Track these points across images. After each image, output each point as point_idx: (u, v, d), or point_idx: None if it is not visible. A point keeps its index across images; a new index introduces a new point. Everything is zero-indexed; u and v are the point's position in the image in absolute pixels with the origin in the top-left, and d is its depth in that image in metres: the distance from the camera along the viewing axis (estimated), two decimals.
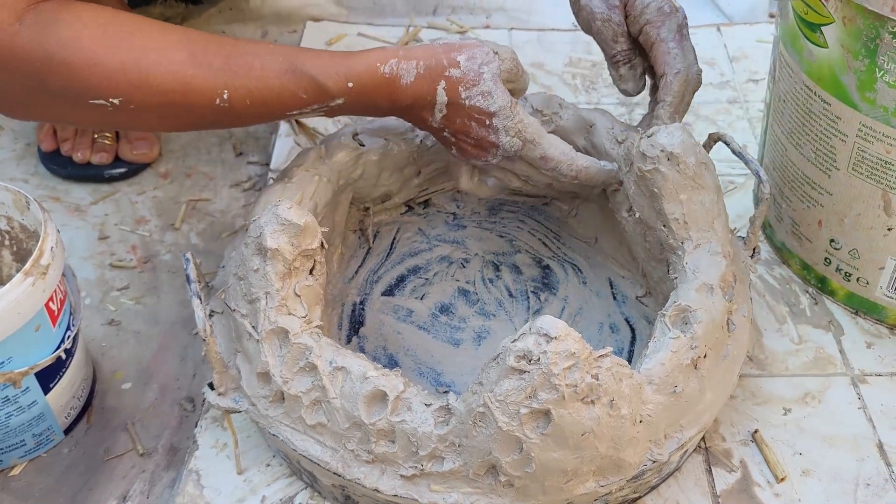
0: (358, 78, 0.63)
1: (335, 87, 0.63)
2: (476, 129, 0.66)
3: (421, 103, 0.65)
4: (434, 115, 0.65)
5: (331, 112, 0.65)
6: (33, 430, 0.64)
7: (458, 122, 0.65)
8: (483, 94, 0.64)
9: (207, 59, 0.60)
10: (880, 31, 0.59)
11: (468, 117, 0.65)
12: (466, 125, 0.65)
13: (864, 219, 0.68)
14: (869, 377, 0.69)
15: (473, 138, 0.66)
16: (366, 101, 0.64)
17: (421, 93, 0.64)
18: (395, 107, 0.65)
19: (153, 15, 1.10)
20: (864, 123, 0.64)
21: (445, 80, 0.64)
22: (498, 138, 0.65)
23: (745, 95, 0.97)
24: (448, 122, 0.65)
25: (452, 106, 0.65)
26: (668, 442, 0.58)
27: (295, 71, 0.61)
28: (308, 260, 0.61)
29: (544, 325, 0.52)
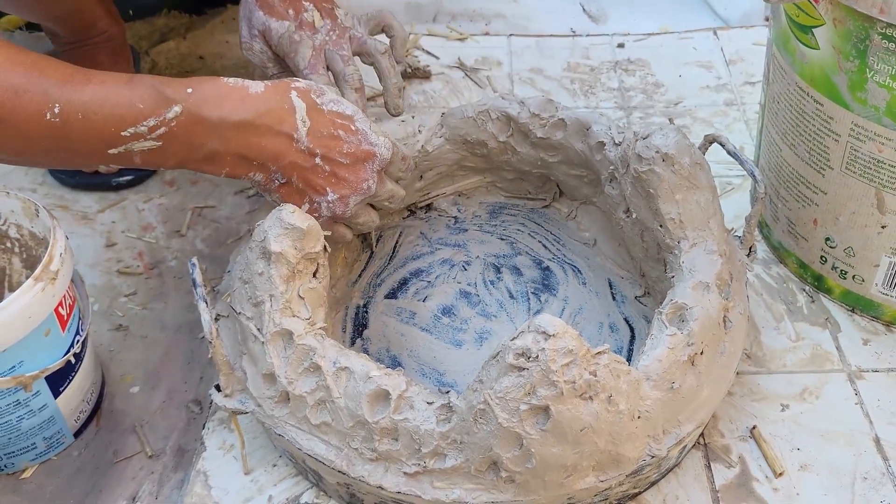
0: (199, 84, 0.59)
1: (173, 93, 0.58)
2: (346, 138, 0.63)
3: (279, 111, 0.61)
4: (298, 127, 0.61)
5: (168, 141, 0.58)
6: (44, 433, 0.65)
7: (325, 132, 0.62)
8: (334, 102, 0.64)
9: (47, 73, 0.56)
10: (870, 33, 0.61)
11: (332, 124, 0.63)
12: (335, 135, 0.62)
13: (858, 217, 0.69)
14: (865, 373, 0.70)
15: (347, 152, 0.63)
16: (209, 112, 0.59)
17: (275, 99, 0.61)
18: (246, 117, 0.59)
19: (157, 26, 1.12)
20: (855, 123, 0.65)
21: (295, 89, 0.62)
22: (370, 141, 0.64)
23: (742, 98, 0.98)
24: (315, 135, 0.62)
25: (313, 112, 0.62)
26: (667, 437, 0.58)
27: (133, 81, 0.58)
28: (311, 263, 0.62)
29: (542, 323, 0.53)
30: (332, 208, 0.65)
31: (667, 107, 0.98)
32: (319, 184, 0.64)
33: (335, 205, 0.65)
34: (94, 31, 0.91)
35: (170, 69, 1.07)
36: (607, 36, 1.09)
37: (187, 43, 1.10)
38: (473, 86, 1.02)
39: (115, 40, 0.93)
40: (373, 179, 0.65)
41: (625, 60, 1.05)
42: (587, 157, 0.74)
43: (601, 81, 1.02)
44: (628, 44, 1.07)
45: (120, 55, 0.94)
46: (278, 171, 0.63)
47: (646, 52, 1.06)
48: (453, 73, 1.03)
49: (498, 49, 1.07)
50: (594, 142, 0.72)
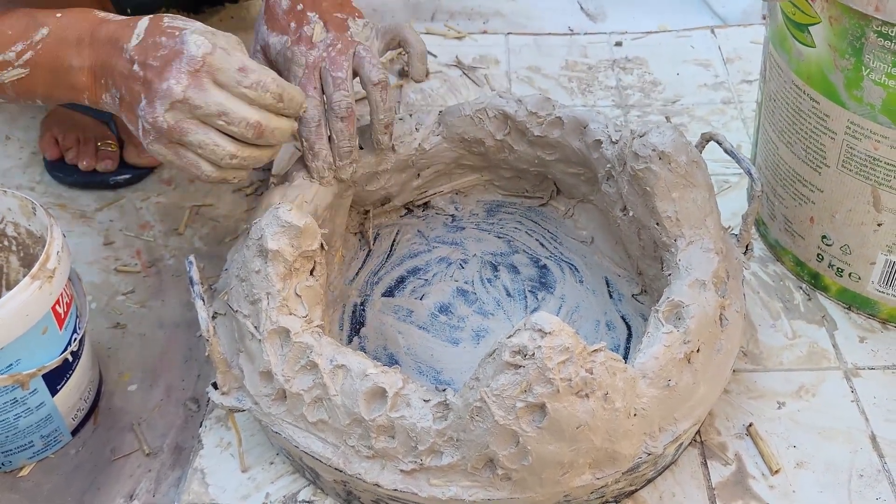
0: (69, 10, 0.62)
1: (43, 17, 0.62)
2: (164, 42, 0.60)
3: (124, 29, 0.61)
4: (131, 38, 0.61)
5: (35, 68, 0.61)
6: (41, 431, 0.66)
7: (151, 42, 0.60)
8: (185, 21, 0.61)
9: None
10: (865, 30, 0.61)
11: (160, 33, 0.60)
12: (156, 42, 0.60)
13: (854, 215, 0.69)
14: (862, 371, 0.70)
15: (160, 55, 0.60)
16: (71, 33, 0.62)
17: (129, 22, 0.62)
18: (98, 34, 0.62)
19: None
20: (851, 121, 0.65)
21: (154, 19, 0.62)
22: (183, 42, 0.59)
23: (740, 96, 0.98)
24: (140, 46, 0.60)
25: (152, 28, 0.61)
26: (663, 434, 0.59)
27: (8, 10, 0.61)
28: (308, 261, 0.62)
29: (538, 321, 0.53)
30: (146, 118, 0.60)
31: (664, 105, 0.98)
32: (136, 90, 0.60)
33: (146, 113, 0.60)
34: None
35: None
36: (605, 34, 1.09)
37: None
38: (471, 84, 1.02)
39: None
40: (178, 79, 0.58)
41: (622, 59, 1.05)
42: (584, 155, 0.74)
43: (599, 80, 1.02)
44: (626, 42, 1.07)
45: None
46: (114, 85, 0.62)
47: (643, 51, 1.06)
48: (451, 71, 1.04)
49: (496, 47, 1.07)
50: (591, 140, 0.72)
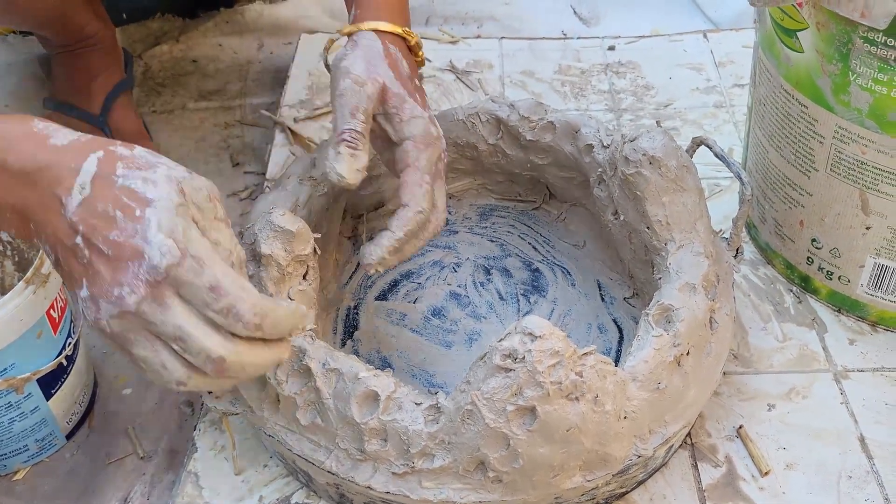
0: (3, 120, 0.49)
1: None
2: (120, 222, 0.47)
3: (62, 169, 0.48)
4: (73, 192, 0.47)
5: None
6: (36, 435, 0.66)
7: (100, 209, 0.47)
8: (146, 181, 0.47)
9: None
10: (852, 36, 0.61)
11: (115, 202, 0.47)
12: (108, 215, 0.47)
13: (843, 218, 0.70)
14: (851, 373, 0.71)
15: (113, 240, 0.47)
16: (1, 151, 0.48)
17: (68, 156, 0.48)
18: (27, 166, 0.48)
19: (150, 30, 1.12)
20: (839, 125, 0.66)
21: (106, 151, 0.48)
22: (146, 239, 0.46)
23: (731, 100, 0.99)
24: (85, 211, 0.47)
25: (101, 181, 0.47)
26: (653, 437, 0.59)
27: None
28: (301, 265, 0.63)
29: (529, 325, 0.53)
30: (85, 309, 0.49)
31: (657, 109, 0.98)
32: (77, 270, 0.48)
33: (87, 306, 0.48)
34: (83, 34, 0.91)
35: (163, 72, 1.07)
36: (598, 38, 1.10)
37: (181, 46, 1.11)
38: (465, 88, 1.02)
39: (105, 42, 0.93)
40: (134, 288, 0.46)
41: (615, 63, 1.05)
42: (576, 159, 0.74)
43: (592, 84, 1.03)
44: (619, 46, 1.08)
45: (111, 57, 0.94)
46: (46, 244, 0.49)
47: (636, 55, 1.06)
48: (445, 75, 1.04)
49: (489, 52, 1.08)
50: (583, 144, 0.73)
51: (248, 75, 1.07)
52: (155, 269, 0.46)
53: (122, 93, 0.94)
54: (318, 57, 1.07)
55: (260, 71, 1.08)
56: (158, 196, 0.47)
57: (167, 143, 0.97)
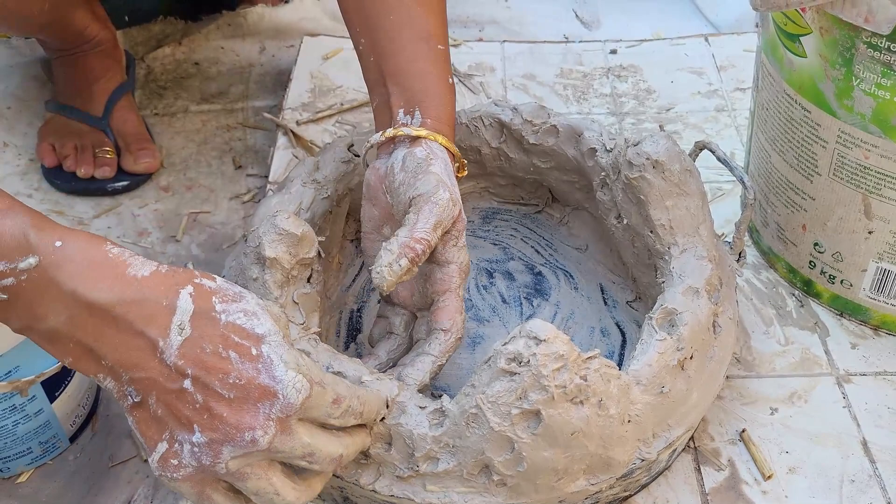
0: (73, 240, 0.46)
1: (38, 240, 0.45)
2: (237, 363, 0.46)
3: (151, 306, 0.45)
4: (170, 333, 0.45)
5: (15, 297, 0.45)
6: (40, 437, 0.66)
7: (210, 349, 0.45)
8: (246, 313, 0.47)
9: None
10: (855, 41, 0.61)
11: (224, 340, 0.46)
12: (221, 356, 0.45)
13: (845, 223, 0.70)
14: (853, 377, 0.71)
15: (233, 383, 0.45)
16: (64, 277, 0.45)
17: (155, 290, 0.46)
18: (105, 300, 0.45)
19: (153, 33, 1.12)
20: (842, 130, 0.66)
21: (194, 285, 0.47)
22: (274, 378, 0.46)
23: (733, 104, 0.99)
24: (191, 352, 0.45)
25: (202, 319, 0.46)
26: (657, 441, 0.59)
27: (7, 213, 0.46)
28: (305, 268, 0.63)
29: (534, 329, 0.54)
30: (197, 455, 0.47)
31: (658, 113, 0.98)
32: (185, 416, 0.46)
33: (202, 452, 0.46)
34: (84, 37, 0.92)
35: (165, 75, 1.07)
36: (600, 42, 1.10)
37: (183, 49, 1.11)
38: (467, 92, 1.02)
39: (105, 45, 0.93)
40: (266, 429, 0.46)
41: (617, 66, 1.06)
42: (579, 163, 0.74)
43: (594, 87, 1.03)
44: (621, 50, 1.08)
45: (112, 59, 0.94)
46: (131, 385, 0.47)
47: (638, 59, 1.07)
48: None
49: (491, 55, 1.08)
50: (586, 148, 0.73)
51: (250, 78, 1.08)
52: (291, 406, 0.46)
53: (124, 95, 0.94)
54: (321, 59, 1.07)
55: (262, 73, 1.08)
56: (267, 330, 0.47)
57: (169, 145, 0.97)
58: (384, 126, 0.65)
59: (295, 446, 0.48)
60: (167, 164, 0.95)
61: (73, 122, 0.93)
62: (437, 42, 0.65)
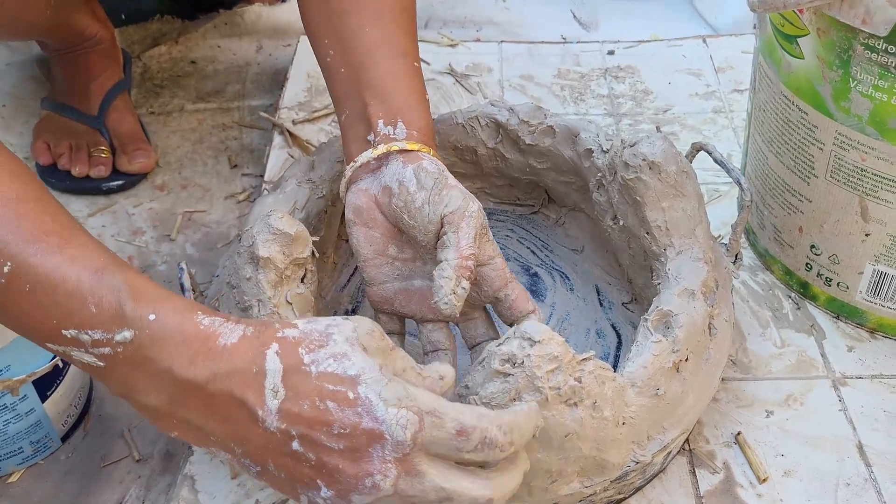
0: (166, 312, 0.46)
1: (133, 311, 0.45)
2: (336, 413, 0.44)
3: (243, 375, 0.45)
4: (265, 400, 0.44)
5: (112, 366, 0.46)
6: (31, 437, 0.65)
7: (308, 406, 0.44)
8: (335, 357, 0.45)
9: (23, 221, 0.46)
10: (853, 43, 0.61)
11: (320, 395, 0.44)
12: (320, 409, 0.44)
13: (842, 225, 0.70)
14: (849, 380, 0.70)
15: (339, 433, 0.44)
16: (157, 354, 0.45)
17: (244, 357, 0.45)
18: (198, 377, 0.45)
19: (150, 31, 1.12)
20: (839, 132, 0.66)
21: (278, 341, 0.46)
22: (377, 419, 0.44)
23: (730, 105, 0.99)
24: (291, 412, 0.44)
25: (294, 376, 0.45)
26: (651, 443, 0.59)
27: (105, 273, 0.46)
28: (299, 268, 0.63)
29: (528, 330, 0.53)
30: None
31: (656, 114, 0.98)
32: (305, 474, 0.46)
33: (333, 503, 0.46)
34: (83, 36, 0.91)
35: (161, 73, 1.07)
36: (598, 43, 1.10)
37: (179, 47, 1.11)
38: (464, 92, 1.02)
39: (104, 44, 0.93)
40: (384, 472, 0.44)
41: (615, 67, 1.05)
42: (576, 164, 0.74)
43: (591, 88, 1.03)
44: (618, 51, 1.08)
45: (110, 58, 0.94)
46: (246, 457, 0.47)
47: (636, 60, 1.06)
48: (444, 79, 1.04)
49: (489, 55, 1.08)
50: (582, 149, 0.73)
51: (246, 77, 1.07)
52: (401, 443, 0.44)
53: (120, 94, 0.94)
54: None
55: (258, 73, 1.08)
56: (360, 369, 0.45)
57: (165, 144, 0.97)
58: (358, 139, 0.63)
59: (426, 490, 0.45)
60: (162, 162, 0.95)
61: (68, 120, 0.92)
62: (412, 59, 0.65)
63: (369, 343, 0.47)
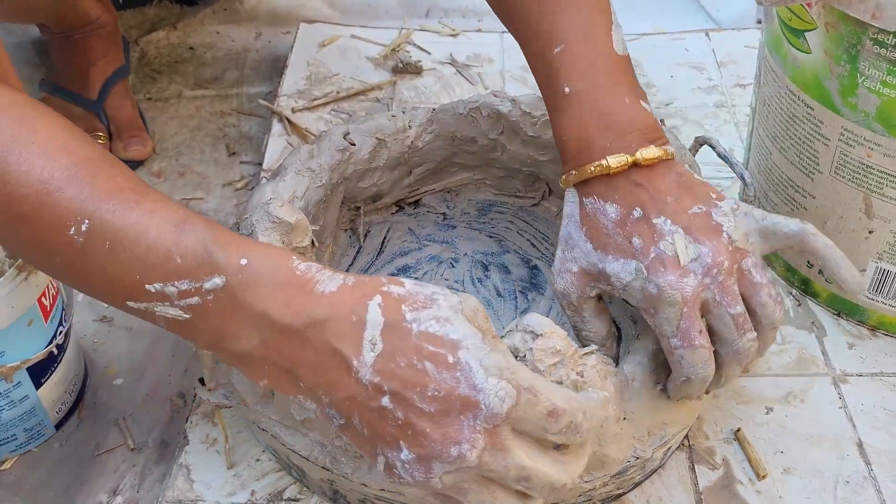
0: (258, 258, 0.45)
1: (224, 258, 0.45)
2: (434, 374, 0.43)
3: (342, 323, 0.44)
4: (363, 350, 0.44)
5: (198, 318, 0.46)
6: (25, 424, 0.65)
7: (404, 362, 0.43)
8: (438, 320, 0.44)
9: (96, 176, 0.46)
10: (861, 38, 0.61)
11: (418, 352, 0.43)
12: (417, 368, 0.43)
13: (845, 222, 0.69)
14: (850, 377, 0.70)
15: (432, 395, 0.43)
16: (253, 298, 0.45)
17: (345, 304, 0.44)
18: (295, 322, 0.44)
19: (148, 17, 1.11)
20: (845, 128, 0.65)
21: (382, 294, 0.45)
22: (475, 387, 0.43)
23: (733, 100, 0.98)
24: (386, 367, 0.44)
25: (394, 331, 0.44)
26: (652, 439, 0.59)
27: (185, 224, 0.46)
28: (299, 257, 0.62)
29: (531, 322, 0.53)
30: (410, 472, 0.45)
31: (658, 107, 0.98)
32: (390, 433, 0.45)
33: (413, 468, 0.45)
34: (86, 20, 0.90)
35: (159, 59, 1.06)
36: None
37: (178, 33, 1.10)
38: (465, 82, 1.01)
39: (106, 27, 0.92)
40: (473, 442, 0.43)
41: None
42: None
43: None
44: None
45: (112, 43, 0.93)
46: (332, 406, 0.46)
47: (638, 52, 1.06)
48: (445, 68, 1.03)
49: (490, 46, 1.07)
50: None
51: (245, 64, 1.06)
52: (495, 416, 0.43)
53: (121, 80, 0.93)
54: (317, 47, 1.06)
55: (257, 60, 1.07)
56: (463, 334, 0.44)
57: (162, 131, 0.96)
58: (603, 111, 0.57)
59: (509, 465, 0.44)
60: (160, 149, 0.94)
61: (66, 103, 0.91)
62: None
63: (473, 318, 0.46)
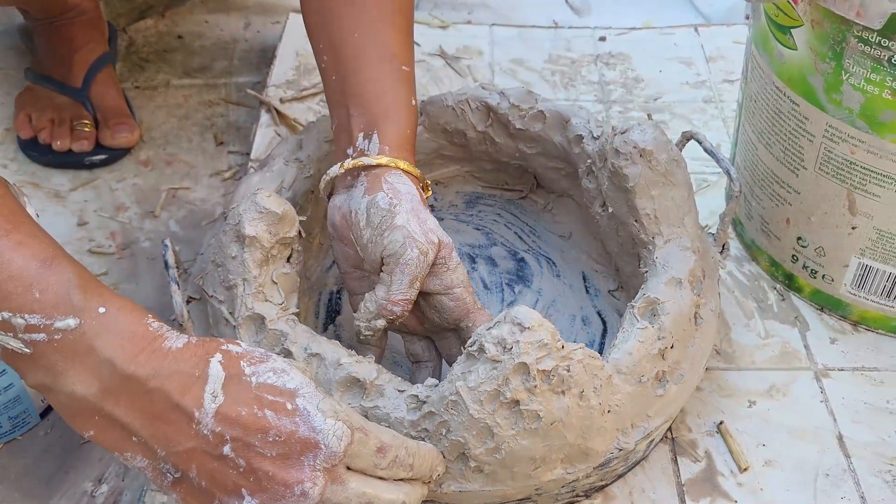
0: (115, 309, 0.47)
1: (81, 303, 0.46)
2: (274, 420, 0.46)
3: (185, 378, 0.46)
4: (204, 402, 0.46)
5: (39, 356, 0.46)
6: (9, 412, 0.65)
7: (245, 413, 0.46)
8: (275, 371, 0.47)
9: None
10: (846, 35, 0.61)
11: (259, 403, 0.46)
12: (259, 418, 0.46)
13: (829, 217, 0.70)
14: (832, 372, 0.71)
15: (274, 440, 0.46)
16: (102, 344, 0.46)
17: (188, 362, 0.47)
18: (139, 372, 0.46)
19: (136, 3, 1.10)
20: (830, 124, 0.66)
21: (223, 353, 0.48)
22: (314, 429, 0.46)
23: (721, 95, 0.99)
24: (227, 416, 0.46)
25: (234, 384, 0.46)
26: (635, 431, 0.59)
27: (53, 263, 0.46)
28: (286, 248, 0.62)
29: (518, 315, 0.53)
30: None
31: (646, 102, 0.98)
32: (231, 482, 0.46)
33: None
34: (66, 6, 0.90)
35: (147, 47, 1.05)
36: (589, 29, 1.09)
37: (166, 21, 1.09)
38: (454, 74, 1.01)
39: (88, 14, 0.91)
40: (314, 481, 0.46)
41: (606, 54, 1.05)
42: (565, 149, 0.74)
43: (582, 74, 1.02)
44: (610, 37, 1.08)
45: (94, 30, 0.92)
46: (168, 461, 0.47)
47: (627, 47, 1.06)
48: (434, 60, 1.03)
49: (480, 38, 1.07)
50: (573, 135, 0.72)
51: (234, 53, 1.06)
52: (334, 454, 0.47)
53: (105, 67, 0.92)
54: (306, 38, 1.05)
55: (246, 49, 1.06)
56: (299, 383, 0.47)
57: (150, 119, 0.96)
58: (343, 149, 0.63)
59: (350, 496, 0.48)
60: (147, 138, 0.93)
61: (51, 92, 0.91)
62: (400, 63, 0.64)
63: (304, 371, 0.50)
